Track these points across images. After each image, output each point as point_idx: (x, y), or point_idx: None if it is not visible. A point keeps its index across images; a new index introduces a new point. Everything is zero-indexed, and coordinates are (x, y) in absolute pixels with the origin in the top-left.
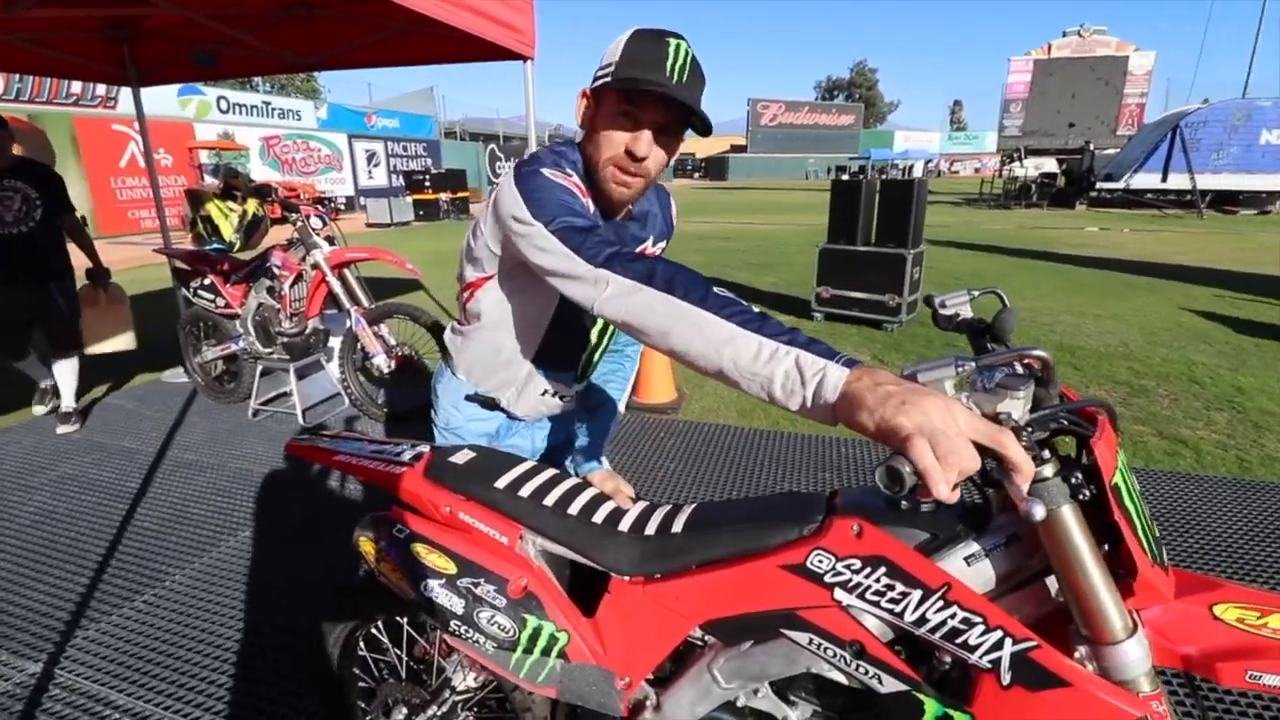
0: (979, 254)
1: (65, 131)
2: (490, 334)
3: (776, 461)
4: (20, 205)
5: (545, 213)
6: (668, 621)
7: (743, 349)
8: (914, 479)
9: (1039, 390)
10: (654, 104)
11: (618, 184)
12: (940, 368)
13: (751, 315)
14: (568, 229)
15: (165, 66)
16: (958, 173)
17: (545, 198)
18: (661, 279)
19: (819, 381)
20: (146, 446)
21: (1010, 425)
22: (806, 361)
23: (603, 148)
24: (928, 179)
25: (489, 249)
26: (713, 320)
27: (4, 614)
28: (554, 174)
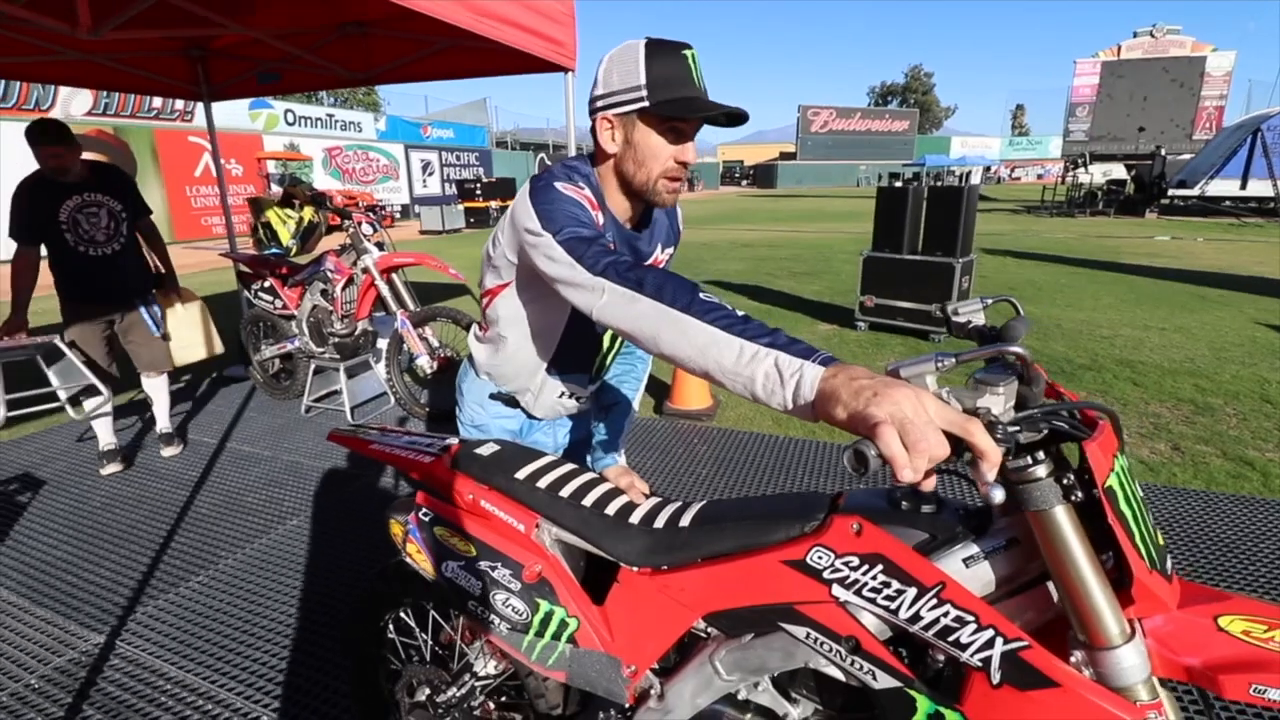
0: (1037, 263)
1: (146, 143)
2: (508, 339)
3: (810, 471)
4: (108, 222)
5: (554, 224)
6: (673, 612)
7: (725, 351)
8: (878, 462)
9: (1023, 388)
10: (697, 119)
11: (670, 191)
12: (921, 363)
13: (735, 318)
14: (573, 239)
15: (234, 82)
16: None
17: (555, 210)
18: (652, 286)
19: (797, 381)
20: (208, 438)
21: (987, 419)
22: (785, 362)
23: (650, 164)
24: (980, 185)
25: (506, 258)
26: (697, 325)
27: (73, 589)
28: (566, 187)
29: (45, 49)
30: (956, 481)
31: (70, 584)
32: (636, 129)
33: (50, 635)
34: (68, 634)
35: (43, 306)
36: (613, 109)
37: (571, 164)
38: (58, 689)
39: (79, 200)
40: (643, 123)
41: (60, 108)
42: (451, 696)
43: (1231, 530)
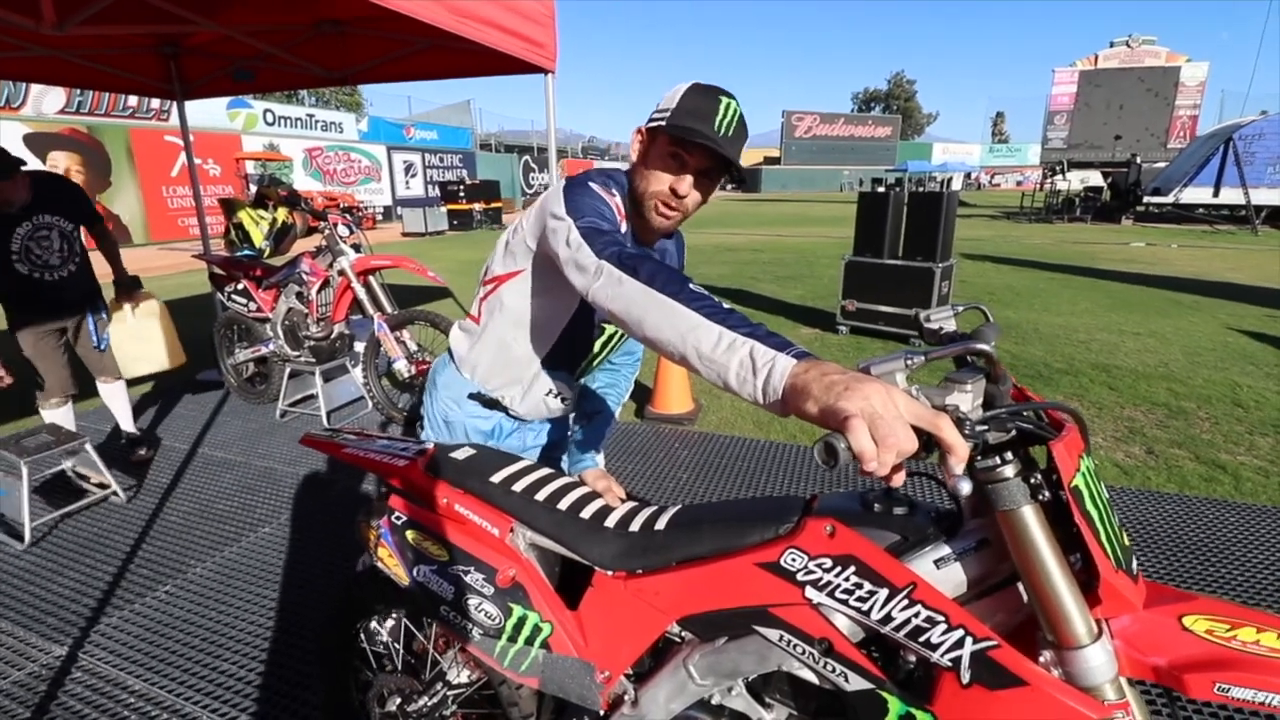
0: (1015, 269)
1: (121, 142)
2: (505, 330)
3: (790, 475)
4: (61, 244)
5: (578, 212)
6: (647, 616)
7: (704, 338)
8: (848, 455)
9: (990, 387)
10: (700, 152)
11: (659, 215)
12: (891, 361)
13: (718, 309)
14: (591, 228)
15: (208, 81)
16: (999, 185)
17: (582, 203)
18: (646, 273)
19: (768, 372)
20: (179, 444)
21: (955, 416)
22: (759, 352)
23: (650, 182)
24: (961, 192)
25: (526, 244)
26: (682, 310)
27: (35, 600)
28: (599, 189)
29: (11, 45)
30: (927, 484)
31: (32, 594)
32: (654, 146)
33: (9, 648)
34: (28, 646)
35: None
36: (649, 123)
37: (609, 173)
38: (16, 703)
39: (29, 227)
40: (659, 142)
41: (32, 105)
42: (423, 706)
43: (1204, 532)
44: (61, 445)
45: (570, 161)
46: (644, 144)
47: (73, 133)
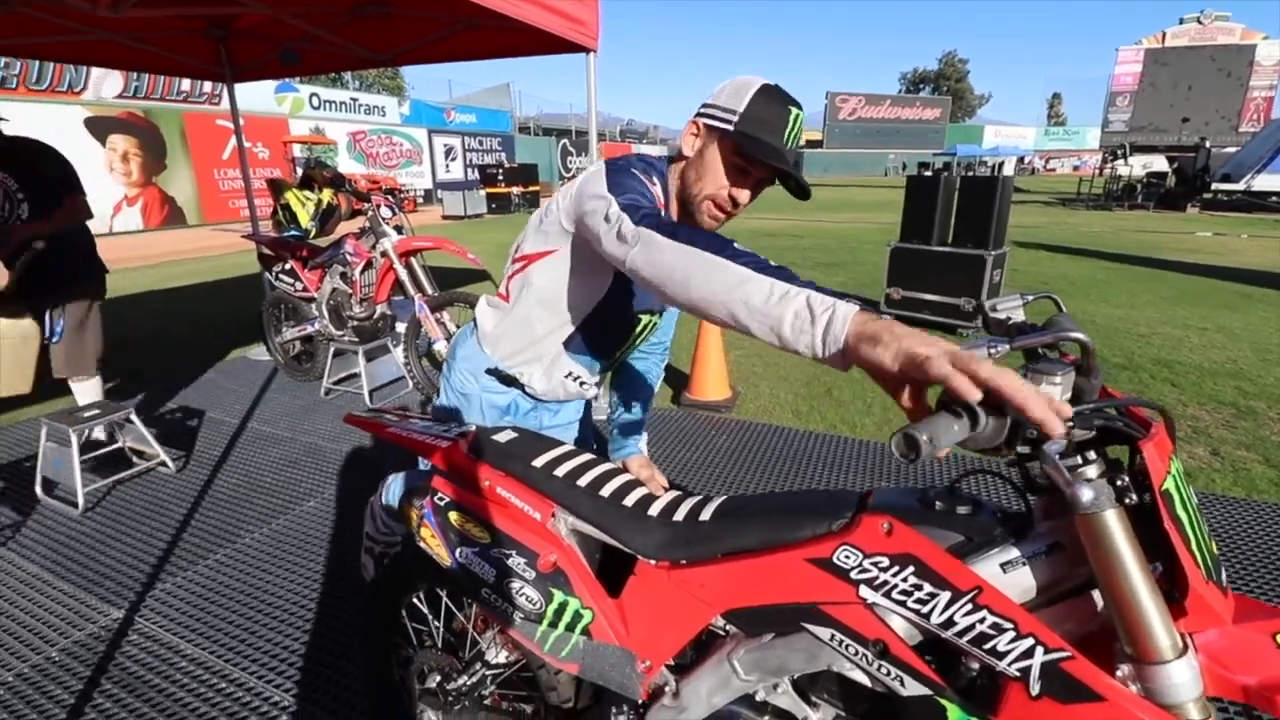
0: (1071, 257)
1: (176, 126)
2: (532, 309)
3: (830, 466)
4: (3, 204)
5: (619, 191)
6: (691, 608)
7: (755, 291)
8: (930, 447)
9: (1080, 380)
10: (767, 167)
11: (711, 216)
12: (972, 348)
13: (766, 263)
14: (631, 204)
15: (257, 64)
16: (1054, 170)
17: (625, 184)
18: (685, 235)
19: (829, 318)
20: (230, 418)
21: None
22: (816, 300)
23: (706, 182)
24: (1015, 176)
25: (561, 225)
26: (730, 266)
27: (93, 565)
28: (639, 174)
29: (70, 28)
30: (993, 483)
31: (90, 559)
32: (712, 146)
33: (71, 609)
34: (88, 608)
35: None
36: (706, 118)
37: (650, 161)
38: (78, 662)
39: None
40: (720, 144)
41: (92, 89)
42: (462, 684)
43: (1274, 540)
44: (107, 415)
45: (608, 145)
46: (700, 140)
47: (130, 116)
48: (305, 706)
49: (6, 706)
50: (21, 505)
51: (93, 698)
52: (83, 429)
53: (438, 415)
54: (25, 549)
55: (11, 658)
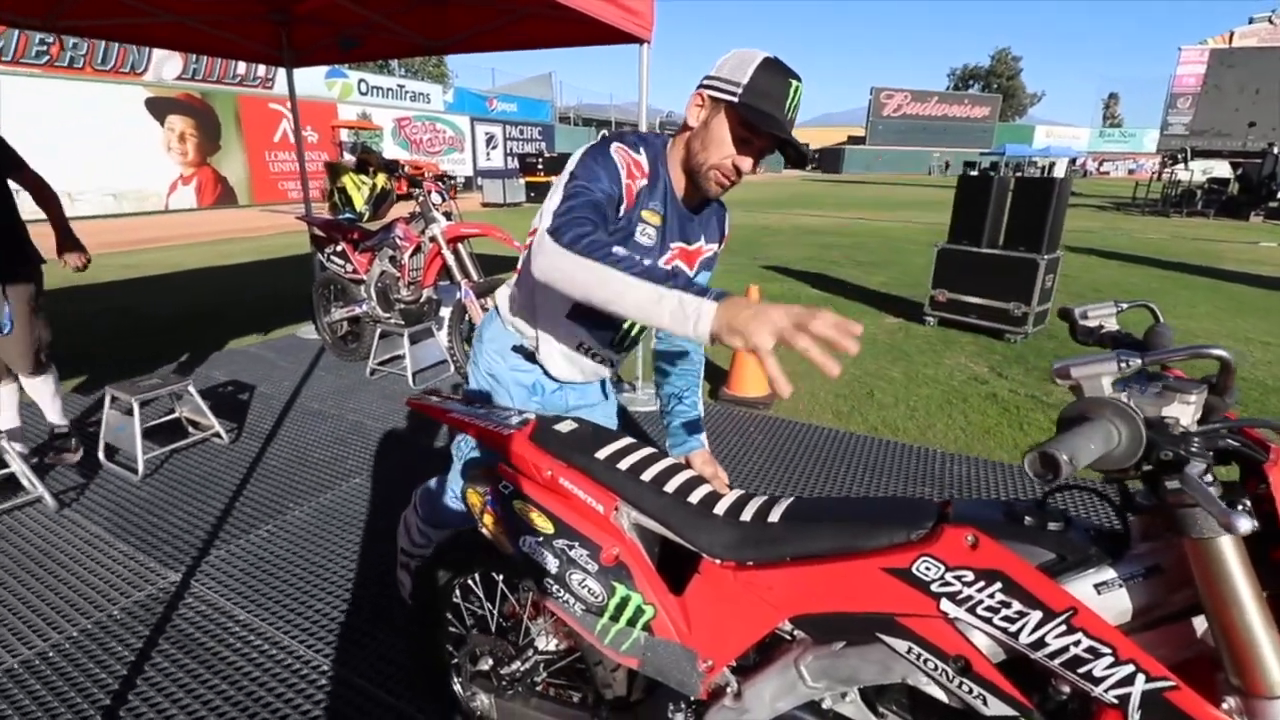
0: (1126, 264)
1: (230, 108)
2: (533, 284)
3: (871, 469)
4: None
5: (574, 177)
6: (757, 610)
7: (640, 294)
8: (1070, 467)
9: (1213, 399)
10: (770, 137)
11: (718, 184)
12: (1099, 363)
13: (642, 267)
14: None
15: (315, 49)
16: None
17: (587, 168)
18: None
19: (696, 318)
20: (280, 393)
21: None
22: (688, 300)
23: (711, 152)
24: (1071, 178)
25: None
26: (616, 274)
27: (151, 529)
28: (620, 149)
29: (137, 9)
30: (1086, 499)
31: (149, 523)
32: (717, 117)
33: (131, 570)
34: (146, 570)
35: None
36: (710, 90)
37: (646, 136)
38: (137, 621)
39: None
40: (725, 115)
41: (153, 71)
42: (515, 670)
43: None
44: (168, 387)
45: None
46: (705, 111)
47: (187, 98)
48: (350, 675)
49: (72, 660)
50: (85, 469)
51: (151, 656)
52: (145, 398)
53: (468, 398)
54: (89, 510)
55: (77, 614)
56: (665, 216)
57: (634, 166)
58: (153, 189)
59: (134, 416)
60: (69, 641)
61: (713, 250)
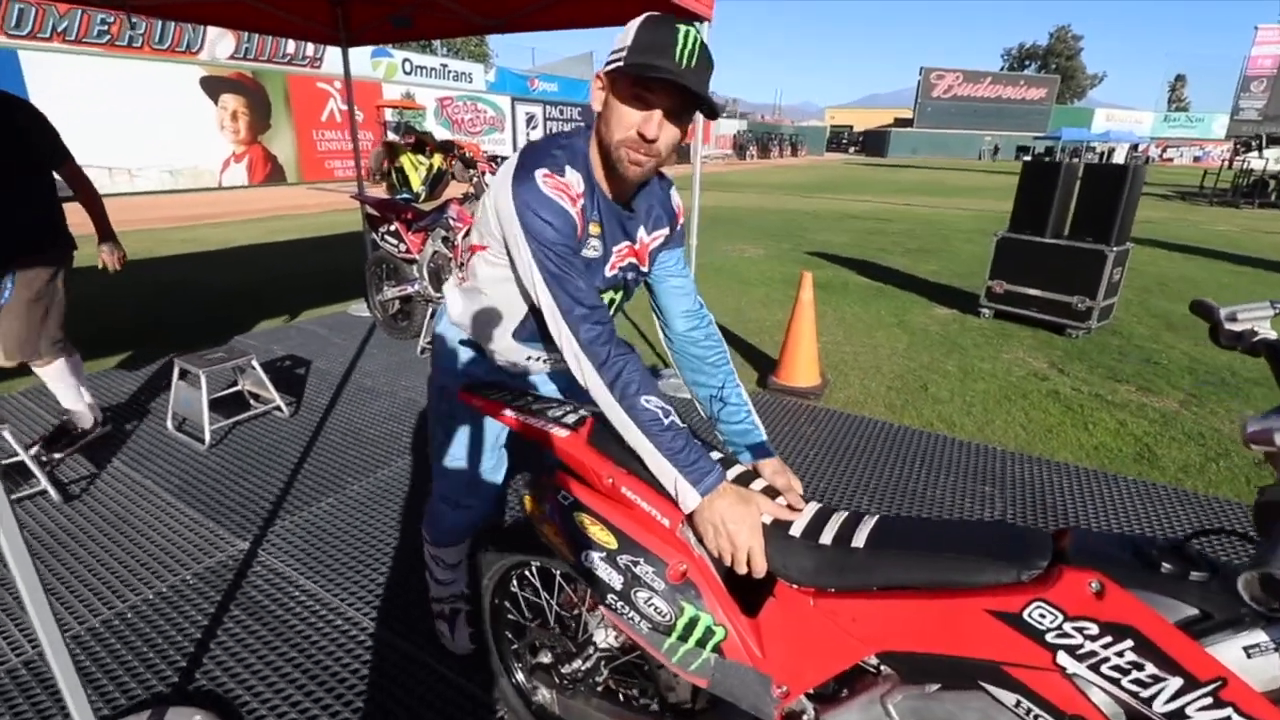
0: (1193, 258)
1: (280, 87)
2: (481, 298)
3: (926, 465)
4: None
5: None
6: (840, 642)
7: (646, 452)
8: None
9: None
10: (664, 89)
11: (631, 163)
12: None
13: (663, 426)
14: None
15: (370, 28)
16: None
17: (538, 224)
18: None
19: (685, 503)
20: (335, 369)
21: None
22: (682, 486)
23: (614, 129)
24: (1137, 167)
25: (493, 232)
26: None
27: (219, 497)
28: (547, 179)
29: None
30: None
31: (217, 492)
32: (614, 90)
33: (202, 537)
34: (217, 538)
35: None
36: (606, 68)
37: (564, 140)
38: (209, 586)
39: None
40: (620, 84)
41: (208, 50)
42: (577, 670)
43: None
44: (233, 360)
45: None
46: (605, 90)
47: (240, 76)
48: (409, 647)
49: (150, 622)
50: (155, 439)
51: (223, 621)
52: (214, 371)
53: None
54: (160, 478)
55: (153, 578)
56: (603, 223)
57: (566, 192)
58: (207, 166)
59: (201, 388)
60: (145, 603)
61: (662, 235)
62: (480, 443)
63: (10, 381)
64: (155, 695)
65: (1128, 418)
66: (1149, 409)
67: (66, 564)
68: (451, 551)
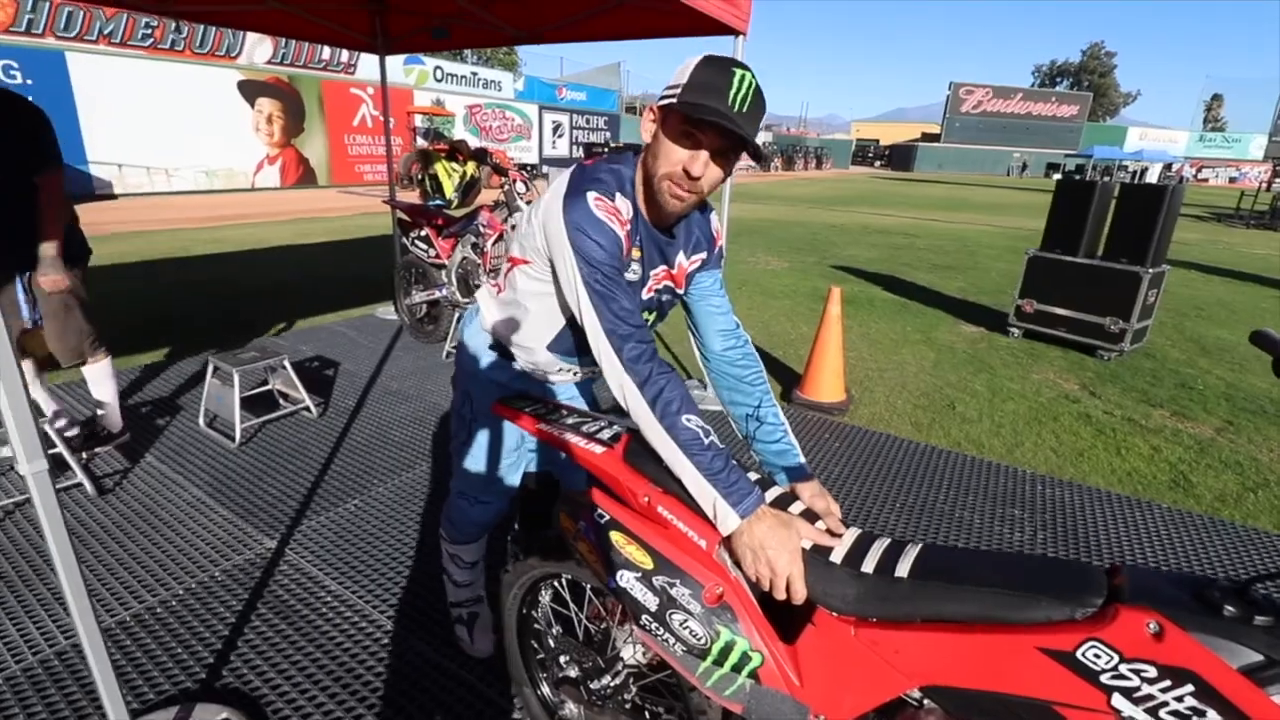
0: (1229, 281)
1: (314, 92)
2: (518, 310)
3: (955, 486)
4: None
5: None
6: (881, 674)
7: (685, 472)
8: None
9: None
10: (714, 130)
11: (673, 197)
12: None
13: (702, 446)
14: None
15: (407, 36)
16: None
17: (589, 245)
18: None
19: (724, 525)
20: (362, 370)
21: None
22: (721, 506)
23: (661, 163)
24: (1176, 186)
25: (536, 247)
26: (674, 449)
27: (248, 496)
28: (598, 202)
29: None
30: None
31: (246, 490)
32: (665, 125)
33: (231, 534)
34: (246, 535)
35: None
36: (659, 101)
37: (614, 166)
38: (236, 584)
39: None
40: (670, 120)
41: (246, 55)
42: (606, 686)
43: None
44: (265, 360)
45: None
46: (656, 123)
47: (276, 81)
48: (433, 653)
49: (179, 617)
50: (186, 435)
51: (250, 619)
52: (245, 370)
53: (457, 393)
54: (191, 474)
55: (183, 573)
56: (643, 247)
57: (616, 216)
58: (241, 168)
59: (234, 387)
60: (175, 599)
61: (700, 258)
62: (500, 444)
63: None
64: (183, 691)
65: (1162, 443)
66: (1184, 435)
67: (100, 557)
68: (469, 549)
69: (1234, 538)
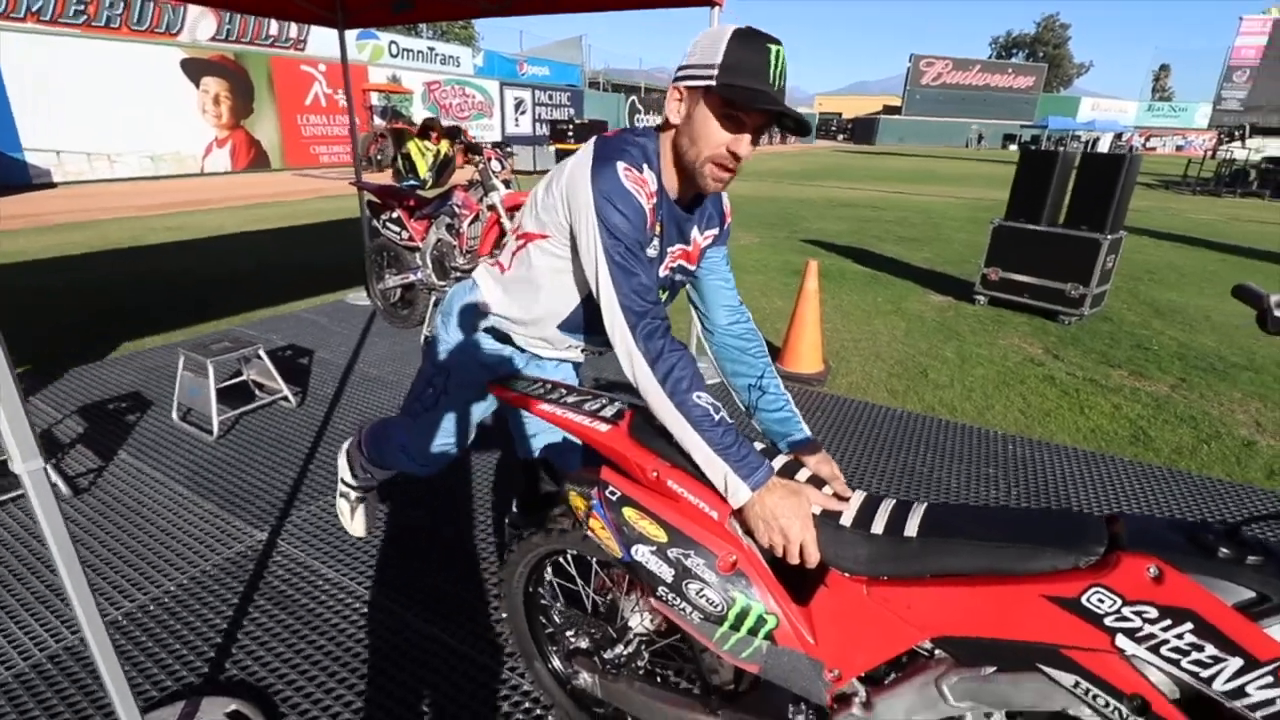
0: (1179, 245)
1: (263, 71)
2: (529, 288)
3: (932, 449)
4: None
5: (611, 233)
6: (894, 628)
7: (695, 446)
8: None
9: None
10: (760, 112)
11: (715, 179)
12: None
13: (713, 422)
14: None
15: (368, 9)
16: (1154, 149)
17: (614, 216)
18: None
19: (735, 497)
20: (338, 358)
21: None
22: (732, 479)
23: (702, 145)
24: (1134, 156)
25: (556, 217)
26: (683, 424)
27: (231, 488)
28: (627, 172)
29: None
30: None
31: (228, 482)
32: (699, 107)
33: (218, 528)
34: (233, 528)
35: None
36: (685, 81)
37: (637, 139)
38: (230, 578)
39: None
40: (706, 102)
41: (188, 32)
42: (619, 655)
43: None
44: (239, 350)
45: None
46: (684, 103)
47: (221, 59)
48: (437, 632)
49: (173, 614)
50: (160, 430)
51: (248, 611)
52: (219, 361)
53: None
54: (169, 470)
55: (172, 570)
56: (663, 223)
57: (644, 188)
58: (189, 151)
59: (208, 378)
60: (168, 595)
61: (713, 234)
62: (466, 424)
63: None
64: (187, 686)
65: (1122, 401)
66: (1142, 393)
67: (83, 557)
68: (383, 473)
69: (1191, 487)
